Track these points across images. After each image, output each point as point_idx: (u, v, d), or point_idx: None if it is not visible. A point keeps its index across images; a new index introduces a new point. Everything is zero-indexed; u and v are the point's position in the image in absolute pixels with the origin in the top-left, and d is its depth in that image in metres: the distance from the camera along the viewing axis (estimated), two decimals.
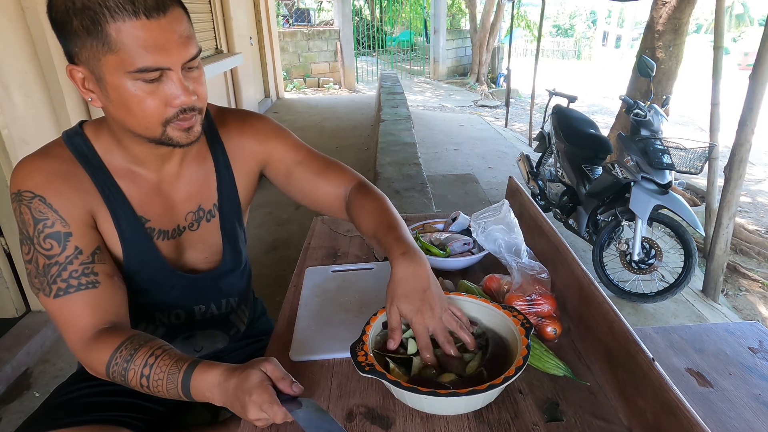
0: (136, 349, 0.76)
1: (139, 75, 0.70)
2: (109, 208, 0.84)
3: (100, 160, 0.84)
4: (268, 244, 3.25)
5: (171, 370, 0.75)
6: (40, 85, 2.22)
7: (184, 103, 0.74)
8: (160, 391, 0.76)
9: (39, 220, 0.78)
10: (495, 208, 1.16)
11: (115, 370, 0.76)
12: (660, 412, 0.67)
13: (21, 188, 0.78)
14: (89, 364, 0.79)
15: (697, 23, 24.61)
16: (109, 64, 0.69)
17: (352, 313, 1.04)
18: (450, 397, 0.70)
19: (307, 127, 6.79)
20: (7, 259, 2.29)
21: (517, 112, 9.71)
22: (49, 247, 0.78)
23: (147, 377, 0.75)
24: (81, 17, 0.67)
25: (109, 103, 0.75)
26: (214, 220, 0.97)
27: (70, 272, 0.78)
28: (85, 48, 0.69)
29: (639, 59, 3.10)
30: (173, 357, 0.76)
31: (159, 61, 0.70)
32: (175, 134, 0.77)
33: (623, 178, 2.82)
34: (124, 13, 0.66)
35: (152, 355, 0.76)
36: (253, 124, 1.01)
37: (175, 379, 0.75)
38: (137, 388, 0.77)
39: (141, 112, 0.73)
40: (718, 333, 1.11)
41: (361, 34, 13.94)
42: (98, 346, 0.78)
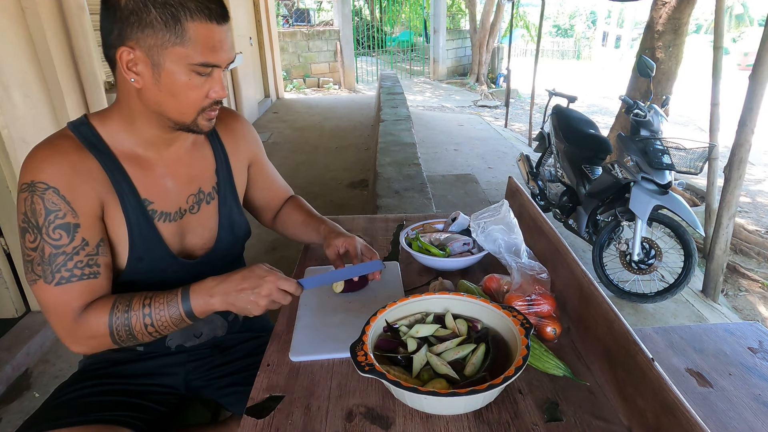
0: (129, 300, 0.85)
1: (198, 68, 0.81)
2: (117, 192, 0.89)
3: (107, 145, 0.89)
4: (268, 244, 3.25)
5: (168, 299, 0.85)
6: (40, 85, 2.22)
7: (220, 96, 0.86)
8: (164, 323, 0.85)
9: (51, 211, 0.81)
10: (495, 208, 1.16)
11: (118, 323, 0.83)
12: (660, 412, 0.67)
13: (35, 179, 0.81)
14: (87, 334, 0.84)
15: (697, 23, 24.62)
16: (174, 54, 0.79)
17: (352, 313, 1.04)
18: (450, 397, 0.70)
19: (307, 127, 6.79)
20: (7, 259, 2.29)
21: (517, 112, 9.71)
22: (57, 237, 0.82)
23: (149, 315, 0.84)
24: (161, 10, 0.77)
25: (155, 87, 0.82)
26: (213, 203, 1.03)
27: (75, 262, 0.83)
28: (154, 36, 0.78)
29: (639, 59, 3.10)
30: (165, 291, 0.86)
31: (216, 60, 0.82)
32: (203, 123, 0.88)
33: (623, 179, 2.82)
34: (202, 16, 0.79)
35: (146, 298, 0.85)
36: (246, 127, 1.14)
37: (175, 303, 0.85)
38: (141, 333, 0.85)
39: (186, 99, 0.84)
40: (718, 333, 1.11)
41: (361, 34, 13.94)
42: (92, 314, 0.84)
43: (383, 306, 0.90)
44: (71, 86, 2.37)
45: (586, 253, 3.35)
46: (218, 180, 1.04)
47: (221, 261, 1.06)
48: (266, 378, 0.86)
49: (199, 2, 0.79)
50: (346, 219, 1.56)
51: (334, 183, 4.49)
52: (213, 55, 0.81)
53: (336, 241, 1.08)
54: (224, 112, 1.08)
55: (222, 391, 1.08)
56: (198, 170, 1.01)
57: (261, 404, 0.80)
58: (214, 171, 1.04)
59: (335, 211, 3.87)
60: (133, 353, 1.05)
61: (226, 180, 1.05)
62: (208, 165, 1.03)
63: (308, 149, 5.61)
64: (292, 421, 0.77)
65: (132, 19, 0.77)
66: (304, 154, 5.44)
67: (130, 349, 1.05)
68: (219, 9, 0.81)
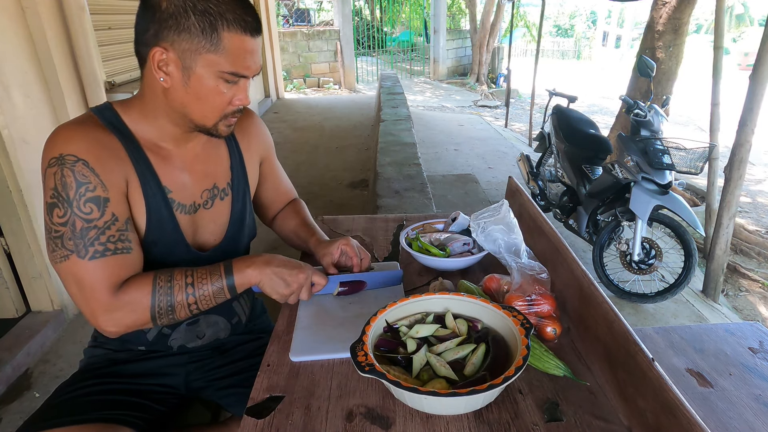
0: (170, 273, 0.88)
1: (227, 76, 0.84)
2: (138, 175, 0.90)
3: (130, 131, 0.90)
4: (268, 244, 3.25)
5: (211, 270, 0.90)
6: (40, 85, 2.22)
7: (243, 103, 0.90)
8: (206, 297, 0.89)
9: (82, 183, 0.81)
10: (494, 208, 1.16)
11: (161, 299, 0.86)
12: (660, 412, 0.67)
13: (63, 152, 0.82)
14: (126, 312, 0.84)
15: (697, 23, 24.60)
16: (207, 60, 0.82)
17: (352, 314, 1.04)
18: (450, 397, 0.70)
19: (307, 127, 6.79)
20: (8, 259, 2.29)
21: (517, 112, 9.71)
22: (89, 211, 0.82)
23: (192, 285, 0.88)
24: (200, 17, 0.79)
25: (183, 89, 0.84)
26: (227, 199, 1.04)
27: (108, 236, 0.84)
28: (189, 41, 0.80)
29: (639, 59, 3.09)
30: (206, 267, 0.91)
31: (246, 70, 0.85)
32: (223, 128, 0.91)
33: (623, 179, 2.82)
34: (238, 28, 0.81)
35: (188, 271, 0.89)
36: (259, 124, 1.15)
37: (218, 273, 0.90)
38: (182, 307, 0.88)
39: (212, 104, 0.86)
40: (718, 333, 1.11)
41: (361, 34, 13.94)
42: (134, 288, 0.85)
43: (383, 306, 0.90)
44: (71, 86, 2.37)
45: (586, 253, 3.35)
46: (232, 176, 1.05)
47: (227, 257, 1.05)
48: (266, 378, 0.86)
49: (236, 14, 0.81)
50: (346, 219, 1.55)
51: (334, 183, 4.49)
52: (243, 66, 0.84)
53: (330, 248, 1.10)
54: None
55: (222, 392, 1.08)
56: (213, 166, 1.02)
57: (261, 404, 0.80)
58: (228, 167, 1.05)
59: (335, 211, 3.87)
60: (135, 353, 1.05)
61: (240, 177, 1.07)
62: (223, 161, 1.04)
63: (308, 149, 5.61)
64: (292, 422, 0.77)
65: (170, 22, 0.79)
66: (304, 153, 5.44)
67: (131, 348, 1.05)
68: (254, 23, 0.84)
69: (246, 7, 0.83)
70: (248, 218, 1.10)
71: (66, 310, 2.41)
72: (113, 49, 3.05)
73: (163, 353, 1.06)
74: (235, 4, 0.82)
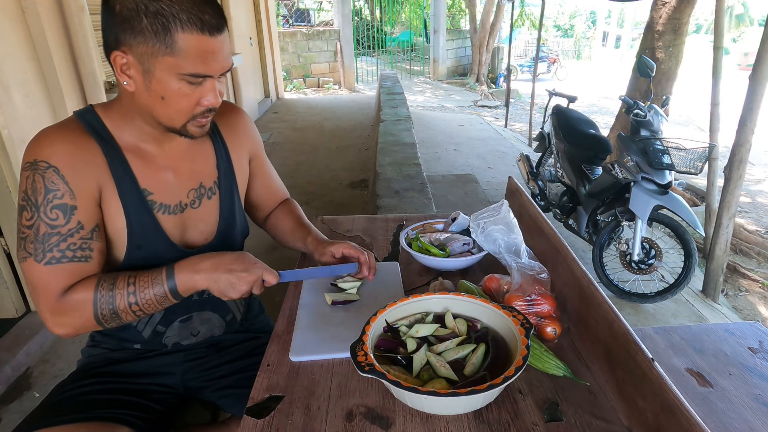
0: (113, 278, 0.86)
1: (188, 78, 0.81)
2: (115, 179, 0.89)
3: (110, 134, 0.90)
4: (268, 244, 3.24)
5: (153, 276, 0.86)
6: (40, 85, 2.22)
7: (213, 104, 0.86)
8: (149, 301, 0.86)
9: (50, 190, 0.82)
10: (494, 208, 1.16)
11: (102, 302, 0.84)
12: (660, 412, 0.67)
13: (37, 158, 0.82)
14: (72, 313, 0.84)
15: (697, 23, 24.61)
16: (164, 63, 0.79)
17: (352, 313, 1.04)
18: (450, 396, 0.70)
19: (307, 127, 6.79)
20: (7, 259, 2.29)
21: (517, 112, 9.71)
22: (54, 217, 0.82)
23: (134, 293, 0.85)
24: (152, 20, 0.76)
25: (146, 92, 0.83)
26: (214, 198, 1.03)
27: (68, 244, 0.84)
28: (145, 44, 0.78)
29: (639, 59, 3.10)
30: (150, 270, 0.87)
31: (208, 70, 0.82)
32: (193, 129, 0.88)
33: (623, 179, 2.82)
34: (193, 28, 0.78)
35: (131, 276, 0.86)
36: (247, 121, 1.13)
37: (160, 280, 0.86)
38: (125, 313, 0.85)
39: (176, 106, 0.84)
40: (718, 333, 1.11)
41: (361, 35, 13.93)
42: (76, 292, 0.84)
43: (383, 306, 0.90)
44: (71, 86, 2.37)
45: (586, 253, 3.35)
46: (219, 175, 1.04)
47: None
48: (266, 378, 0.86)
49: (191, 13, 0.77)
50: (346, 219, 1.55)
51: (334, 183, 4.49)
52: (204, 66, 0.81)
53: (331, 249, 1.09)
54: (225, 106, 1.08)
55: (220, 392, 1.08)
56: (199, 165, 1.01)
57: (261, 404, 0.80)
58: (215, 166, 1.04)
59: (335, 211, 3.87)
60: (131, 352, 1.05)
61: (227, 175, 1.05)
62: (209, 160, 1.03)
63: (308, 149, 5.61)
64: (292, 421, 0.77)
65: (125, 26, 0.78)
66: (304, 154, 5.44)
67: (127, 347, 1.05)
68: (213, 20, 0.79)
69: (204, 3, 0.79)
70: (239, 216, 1.08)
71: None
72: None
73: (158, 352, 1.06)
74: (190, 3, 0.78)
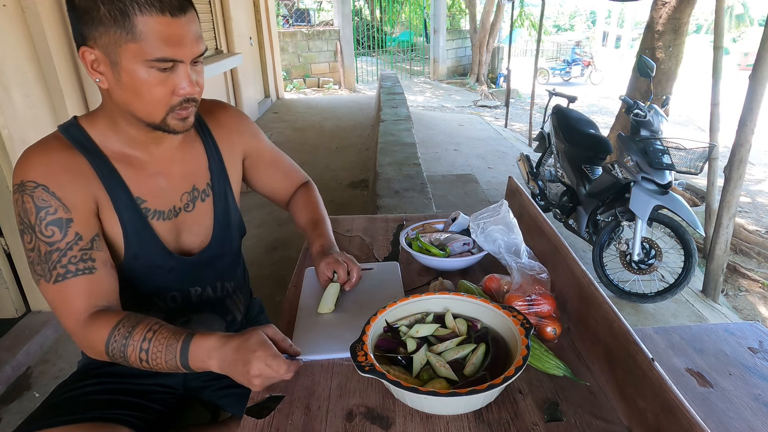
0: (133, 326, 0.81)
1: (155, 64, 0.77)
2: (108, 192, 0.88)
3: (96, 146, 0.88)
4: (268, 244, 3.25)
5: (169, 342, 0.80)
6: (40, 85, 2.22)
7: (189, 93, 0.82)
8: (159, 364, 0.80)
9: (41, 208, 0.81)
10: (494, 208, 1.16)
11: (114, 347, 0.80)
12: (660, 412, 0.67)
13: (24, 179, 0.81)
14: (88, 343, 0.82)
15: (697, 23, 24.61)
16: (129, 51, 0.76)
17: (352, 313, 1.04)
18: (450, 396, 0.70)
19: (307, 127, 6.79)
20: (7, 259, 2.29)
21: (517, 112, 9.71)
22: (50, 234, 0.81)
23: (146, 351, 0.80)
24: (109, 6, 0.74)
25: (118, 86, 0.80)
26: (208, 200, 1.02)
27: (69, 258, 0.82)
28: (106, 34, 0.75)
29: (639, 59, 3.10)
30: (170, 330, 0.81)
31: (175, 54, 0.78)
32: (174, 122, 0.85)
33: (623, 179, 2.82)
34: (152, 10, 0.74)
35: (150, 330, 0.81)
36: (237, 117, 1.11)
37: (173, 350, 0.79)
38: (135, 364, 0.81)
39: (150, 97, 0.80)
40: (718, 333, 1.11)
41: (361, 35, 13.93)
42: (96, 326, 0.81)
43: (383, 306, 0.90)
44: (71, 86, 2.37)
45: (586, 253, 3.35)
46: (212, 177, 1.03)
47: (218, 259, 1.05)
48: None
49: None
50: (346, 219, 1.55)
51: (334, 183, 4.49)
52: (170, 50, 0.77)
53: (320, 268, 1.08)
54: (215, 105, 1.07)
55: (221, 392, 1.08)
56: (191, 167, 0.99)
57: (261, 404, 0.80)
58: (207, 168, 1.02)
59: (335, 211, 3.86)
60: None
61: (220, 176, 1.04)
62: (201, 161, 1.01)
63: (308, 149, 5.61)
64: (292, 421, 0.77)
65: (86, 18, 0.76)
66: (304, 154, 5.44)
67: None
68: (175, 1, 0.76)
69: None
70: (234, 217, 1.07)
71: None
72: None
73: None
74: None
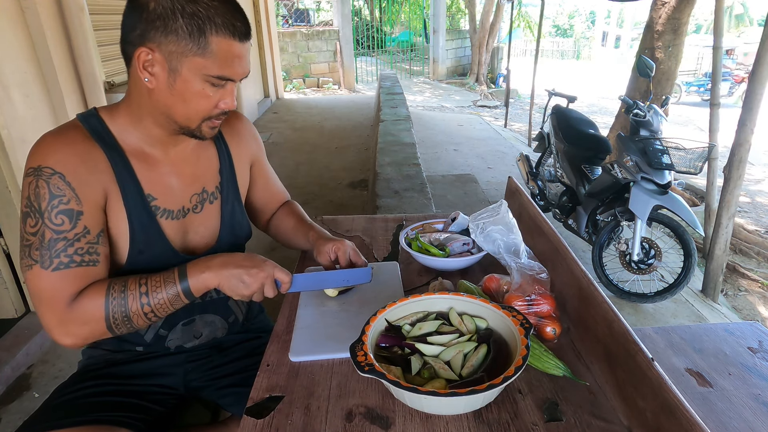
0: (124, 281, 0.85)
1: (213, 79, 0.83)
2: (119, 185, 0.89)
3: (114, 139, 0.90)
4: (267, 244, 3.25)
5: (165, 276, 0.86)
6: (40, 85, 2.22)
7: (229, 107, 0.89)
8: (161, 302, 0.85)
9: (55, 196, 0.81)
10: (493, 208, 1.16)
11: (114, 305, 0.83)
12: (659, 412, 0.67)
13: (42, 164, 0.82)
14: (82, 321, 0.83)
15: (696, 23, 24.62)
16: (193, 63, 0.81)
17: (351, 313, 1.04)
18: (449, 396, 0.70)
19: (307, 127, 6.79)
20: (7, 259, 2.29)
21: (517, 112, 9.71)
22: (60, 222, 0.82)
23: (146, 294, 0.85)
24: (188, 21, 0.79)
25: (167, 90, 0.84)
26: (216, 202, 1.04)
27: (76, 249, 0.83)
28: (176, 43, 0.80)
29: (638, 59, 3.10)
30: (161, 273, 0.87)
31: (233, 74, 0.85)
32: (206, 130, 0.90)
33: (623, 179, 2.82)
34: (226, 32, 0.81)
35: (142, 278, 0.86)
36: (249, 127, 1.15)
37: (172, 279, 0.86)
38: (138, 316, 0.85)
39: (196, 106, 0.86)
40: (718, 333, 1.11)
41: (360, 35, 13.93)
42: (87, 298, 0.83)
43: (383, 306, 0.90)
44: (71, 86, 2.37)
45: (586, 253, 3.35)
46: (221, 180, 1.05)
47: None
48: (266, 378, 0.86)
49: (226, 18, 0.81)
50: (346, 219, 1.55)
51: (334, 183, 4.49)
52: (230, 70, 0.84)
53: (325, 248, 1.10)
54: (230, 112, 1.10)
55: (221, 392, 1.08)
56: (202, 170, 1.02)
57: (261, 404, 0.80)
58: (217, 171, 1.05)
59: (335, 211, 3.87)
60: (133, 353, 1.05)
61: (229, 180, 1.06)
62: (212, 164, 1.04)
63: (308, 149, 5.61)
64: (292, 421, 0.77)
65: (158, 23, 0.79)
66: (304, 154, 5.44)
67: (129, 349, 1.05)
68: (243, 27, 0.84)
69: (236, 11, 0.83)
70: (241, 221, 1.09)
71: None
72: (112, 49, 3.04)
73: (160, 353, 1.06)
74: (225, 8, 0.81)
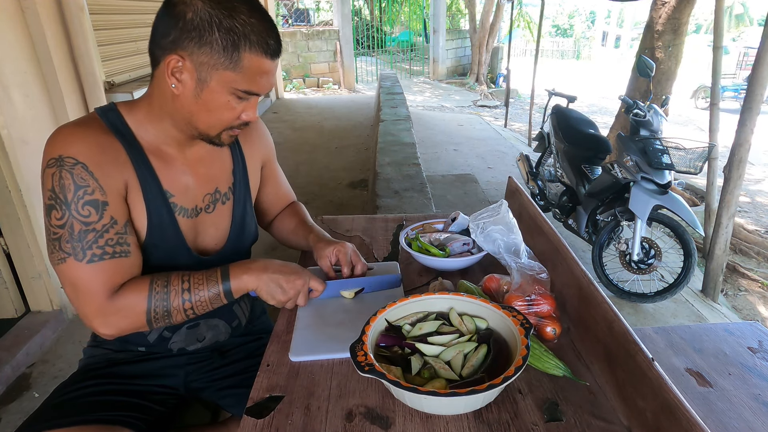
0: (167, 277, 0.88)
1: (240, 93, 0.84)
2: (139, 179, 0.89)
3: (133, 134, 0.90)
4: (267, 244, 3.24)
5: (208, 275, 0.90)
6: (40, 85, 2.22)
7: (251, 119, 0.90)
8: (202, 300, 0.89)
9: (80, 187, 0.81)
10: (493, 208, 1.16)
11: (157, 299, 0.86)
12: (659, 412, 0.67)
13: (63, 154, 0.81)
14: (122, 314, 0.84)
15: (696, 23, 24.63)
16: (223, 77, 0.82)
17: (351, 313, 1.04)
18: (449, 396, 0.70)
19: (307, 127, 6.78)
20: (7, 259, 2.28)
21: (517, 112, 9.71)
22: (87, 214, 0.82)
23: (188, 290, 0.88)
24: (224, 35, 0.79)
25: (193, 98, 0.84)
26: (228, 203, 1.04)
27: (106, 240, 0.84)
28: (209, 55, 0.80)
29: (638, 59, 3.10)
30: (202, 271, 0.91)
31: (259, 90, 0.86)
32: (226, 138, 0.91)
33: (623, 178, 2.82)
34: (260, 50, 0.82)
35: (185, 275, 0.89)
36: (262, 128, 1.16)
37: (215, 278, 0.90)
38: (177, 312, 0.88)
39: (219, 116, 0.87)
40: (718, 333, 1.11)
41: (360, 34, 13.92)
42: (129, 293, 0.85)
43: (383, 306, 0.90)
44: (70, 86, 2.37)
45: (586, 253, 3.35)
46: (234, 180, 1.05)
47: (229, 262, 1.05)
48: (266, 378, 0.86)
49: (260, 36, 0.81)
50: (346, 219, 1.55)
51: (334, 183, 4.49)
52: (258, 86, 0.85)
53: (326, 252, 1.10)
54: None
55: (221, 393, 1.08)
56: (216, 170, 1.02)
57: (261, 404, 0.80)
58: (231, 171, 1.05)
59: (335, 211, 3.87)
60: (134, 354, 1.05)
61: (241, 181, 1.07)
62: (226, 165, 1.05)
63: (308, 149, 5.61)
64: (292, 422, 0.77)
65: (193, 34, 0.79)
66: (303, 154, 5.44)
67: (131, 349, 1.05)
68: (276, 45, 0.85)
69: (271, 30, 0.83)
70: (249, 222, 1.09)
71: (65, 310, 2.41)
72: (113, 49, 3.04)
73: (162, 355, 1.06)
74: (261, 26, 0.82)
